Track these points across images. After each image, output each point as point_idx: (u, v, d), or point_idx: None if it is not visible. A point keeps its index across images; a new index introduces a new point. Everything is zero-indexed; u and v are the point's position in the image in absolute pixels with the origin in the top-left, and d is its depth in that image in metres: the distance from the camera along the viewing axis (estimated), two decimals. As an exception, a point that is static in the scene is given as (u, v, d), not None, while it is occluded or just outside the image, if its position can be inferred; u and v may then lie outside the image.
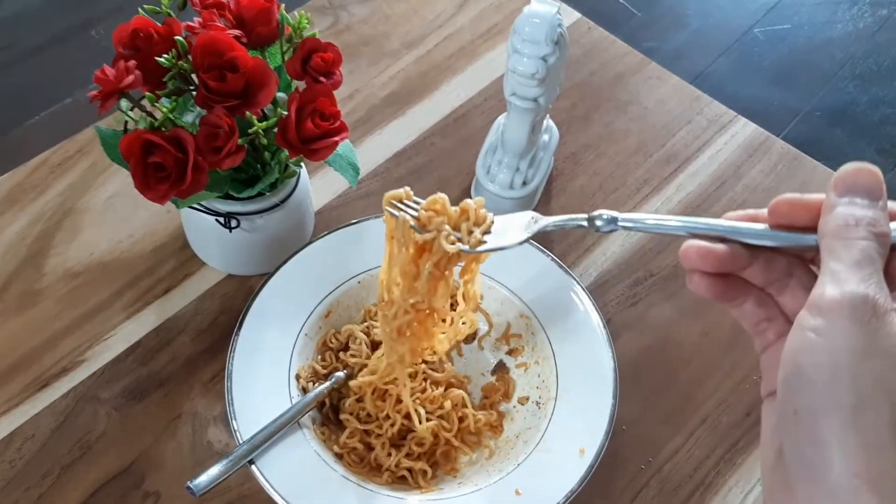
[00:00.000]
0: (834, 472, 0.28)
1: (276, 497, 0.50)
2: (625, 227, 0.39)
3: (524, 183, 0.70)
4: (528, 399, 0.60)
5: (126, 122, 0.55)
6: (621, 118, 0.81)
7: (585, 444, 0.54)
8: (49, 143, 0.76)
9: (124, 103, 0.54)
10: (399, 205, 0.49)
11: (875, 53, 1.74)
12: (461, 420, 0.58)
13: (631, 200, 0.75)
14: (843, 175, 0.32)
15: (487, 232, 0.47)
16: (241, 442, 0.52)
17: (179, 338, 0.64)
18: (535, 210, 0.73)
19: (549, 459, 0.54)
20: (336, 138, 0.55)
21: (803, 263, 0.35)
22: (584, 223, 0.41)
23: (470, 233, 0.47)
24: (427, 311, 0.51)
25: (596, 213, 0.40)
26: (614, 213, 0.40)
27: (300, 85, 0.57)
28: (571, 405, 0.57)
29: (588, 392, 0.57)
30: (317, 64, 0.55)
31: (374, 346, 0.61)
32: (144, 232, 0.70)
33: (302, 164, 0.63)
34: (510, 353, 0.63)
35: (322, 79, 0.56)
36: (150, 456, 0.59)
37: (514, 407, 0.60)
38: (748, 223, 0.35)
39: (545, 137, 0.73)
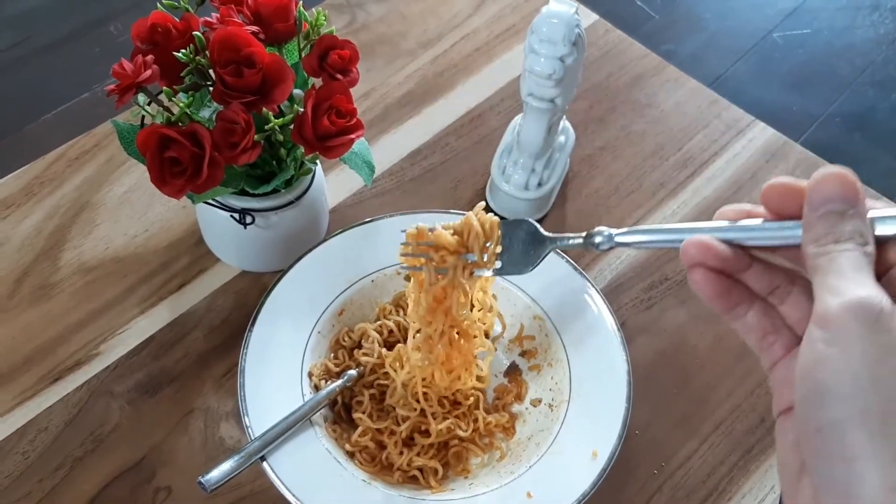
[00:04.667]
0: (867, 487, 0.27)
1: (287, 494, 0.50)
2: (622, 244, 0.39)
3: (539, 184, 0.70)
4: (540, 401, 0.60)
5: (143, 116, 0.56)
6: (638, 121, 0.81)
7: (598, 448, 0.53)
8: (66, 138, 0.76)
9: (141, 98, 0.55)
10: (417, 255, 0.50)
11: (895, 60, 1.72)
12: (473, 421, 0.58)
13: (647, 204, 0.74)
14: (814, 187, 0.31)
15: (499, 243, 0.48)
16: (252, 438, 0.52)
17: (193, 333, 0.64)
18: (550, 212, 0.73)
19: (560, 462, 0.54)
20: (352, 136, 0.55)
21: (802, 275, 0.34)
22: (580, 240, 0.42)
23: (483, 251, 0.48)
24: (457, 329, 0.53)
25: (594, 230, 0.40)
26: (610, 231, 0.40)
27: (317, 82, 0.57)
28: (584, 408, 0.57)
29: (601, 395, 0.57)
30: (334, 61, 0.55)
31: (388, 344, 0.61)
32: (160, 227, 0.70)
33: (317, 161, 0.63)
34: (523, 354, 0.63)
35: (339, 76, 0.55)
36: (162, 451, 0.59)
37: (527, 409, 0.60)
38: (738, 222, 0.34)
39: (561, 139, 0.73)
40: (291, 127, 0.54)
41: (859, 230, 0.31)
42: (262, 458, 0.52)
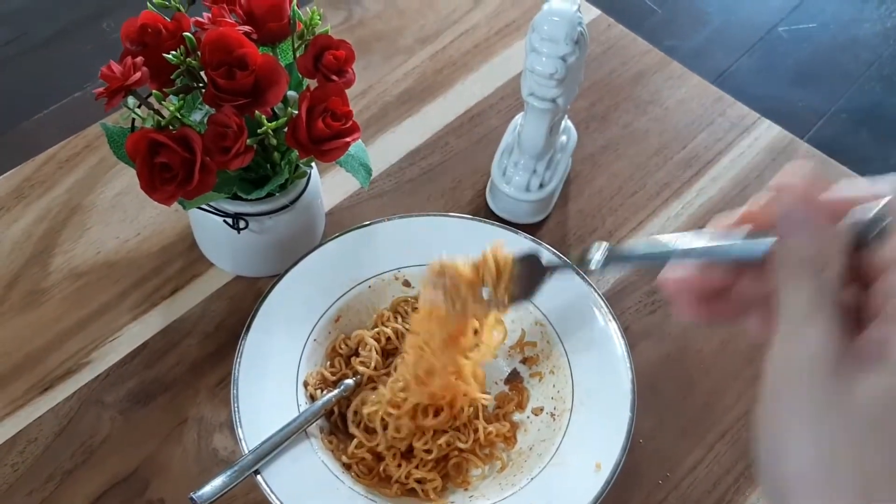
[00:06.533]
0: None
1: (281, 509, 0.49)
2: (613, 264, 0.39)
3: (541, 185, 0.68)
4: (542, 410, 0.58)
5: (133, 119, 0.54)
6: (641, 118, 0.79)
7: (602, 459, 0.52)
8: (58, 137, 0.74)
9: (131, 101, 0.53)
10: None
11: (902, 54, 1.70)
12: (473, 431, 0.56)
13: (650, 204, 0.73)
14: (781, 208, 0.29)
15: (511, 277, 0.48)
16: (246, 451, 0.51)
17: (186, 340, 0.63)
18: (552, 213, 0.71)
19: (563, 474, 0.53)
20: (348, 139, 0.53)
21: None
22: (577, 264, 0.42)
23: (496, 287, 0.48)
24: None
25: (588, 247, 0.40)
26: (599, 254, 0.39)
27: (312, 83, 0.55)
28: (587, 417, 0.55)
29: (605, 404, 0.55)
30: (329, 62, 0.54)
31: (385, 353, 0.59)
32: (152, 231, 0.69)
33: (313, 164, 0.61)
34: (524, 361, 0.61)
35: (334, 77, 0.54)
36: (155, 462, 0.57)
37: (528, 418, 0.58)
38: (719, 239, 0.32)
39: (563, 139, 0.71)
40: (285, 130, 0.53)
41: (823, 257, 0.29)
42: (257, 472, 0.50)
